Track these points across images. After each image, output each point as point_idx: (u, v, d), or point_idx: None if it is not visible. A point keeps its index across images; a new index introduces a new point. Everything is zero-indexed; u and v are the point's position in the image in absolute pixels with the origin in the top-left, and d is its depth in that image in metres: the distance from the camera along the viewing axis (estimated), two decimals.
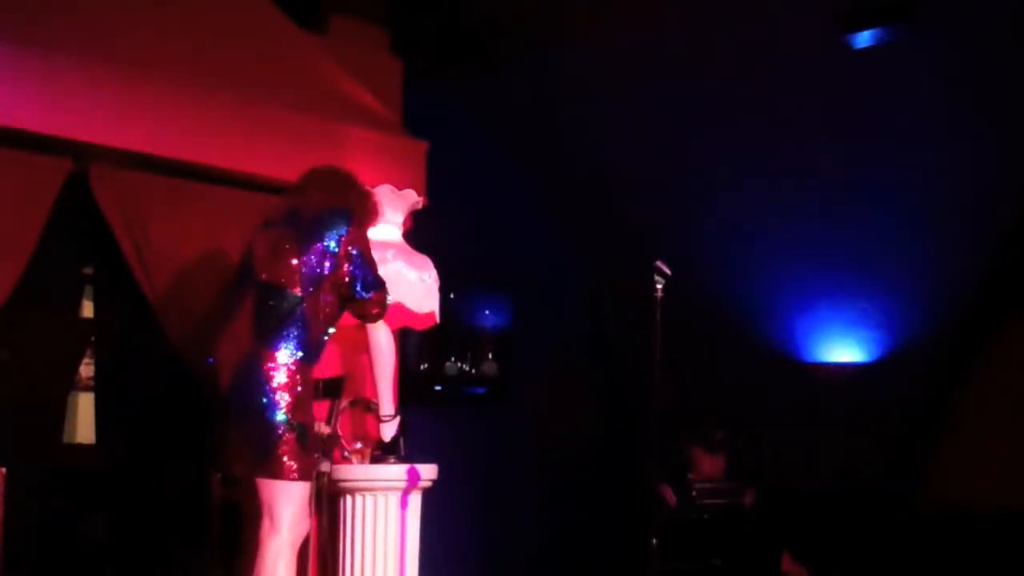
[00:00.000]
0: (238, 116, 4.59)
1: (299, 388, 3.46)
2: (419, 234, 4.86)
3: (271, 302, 3.57)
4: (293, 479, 3.42)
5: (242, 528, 3.88)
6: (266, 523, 3.43)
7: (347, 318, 4.20)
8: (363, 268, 3.66)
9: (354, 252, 3.64)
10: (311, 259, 3.58)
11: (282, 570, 3.40)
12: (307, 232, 3.63)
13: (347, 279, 3.62)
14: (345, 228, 3.64)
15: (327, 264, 3.60)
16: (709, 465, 5.98)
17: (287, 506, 3.43)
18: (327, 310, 3.63)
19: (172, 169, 4.47)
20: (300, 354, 3.50)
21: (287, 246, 3.61)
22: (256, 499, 3.47)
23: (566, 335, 6.99)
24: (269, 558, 3.40)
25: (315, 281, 3.58)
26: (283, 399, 3.43)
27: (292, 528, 3.45)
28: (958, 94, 5.33)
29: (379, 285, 3.70)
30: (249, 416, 3.46)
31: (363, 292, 3.66)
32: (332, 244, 3.61)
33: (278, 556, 3.40)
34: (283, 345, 3.50)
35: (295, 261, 3.58)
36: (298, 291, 3.56)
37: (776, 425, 6.23)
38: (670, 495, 5.76)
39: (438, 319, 4.68)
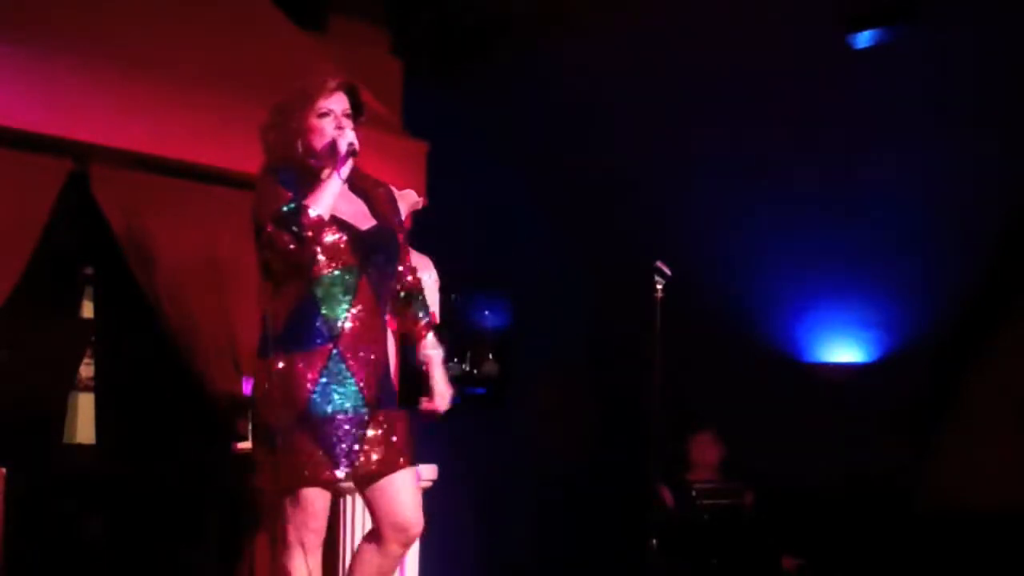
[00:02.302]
0: (238, 116, 4.57)
1: (268, 389, 2.99)
2: (419, 234, 4.86)
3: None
4: (262, 487, 3.09)
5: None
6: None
7: None
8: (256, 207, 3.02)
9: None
10: None
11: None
12: None
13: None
14: None
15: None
16: (705, 459, 5.97)
17: (278, 515, 3.06)
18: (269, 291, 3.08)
19: (172, 169, 4.47)
20: (273, 354, 3.01)
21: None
22: None
23: (566, 335, 6.98)
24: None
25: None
26: (258, 406, 3.08)
27: (290, 534, 3.02)
28: (958, 94, 5.33)
29: (265, 220, 2.95)
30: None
31: (259, 237, 2.99)
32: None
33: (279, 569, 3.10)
34: (261, 354, 3.05)
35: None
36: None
37: (776, 425, 6.22)
38: (668, 496, 5.76)
39: (438, 319, 4.68)
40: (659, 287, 4.39)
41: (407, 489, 3.13)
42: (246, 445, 4.24)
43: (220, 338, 4.53)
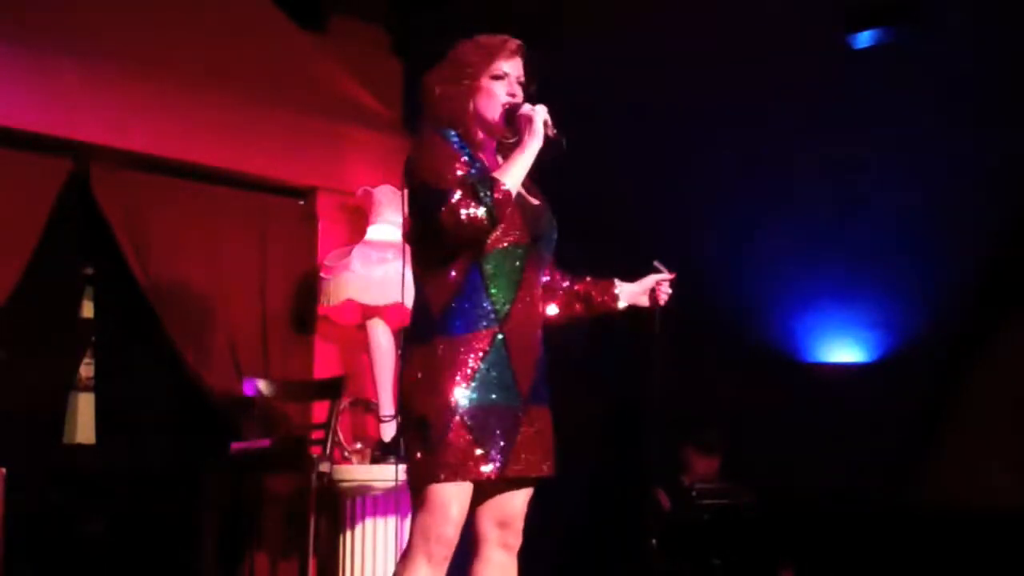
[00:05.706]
0: (238, 116, 4.59)
1: (424, 377, 2.59)
2: None
3: None
4: (412, 486, 2.61)
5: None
6: None
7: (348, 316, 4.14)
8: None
9: None
10: None
11: None
12: None
13: None
14: None
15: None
16: (703, 467, 5.97)
17: (414, 513, 2.63)
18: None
19: (172, 169, 4.48)
20: (433, 338, 2.63)
21: None
22: None
23: (566, 335, 6.96)
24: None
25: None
26: (410, 395, 2.62)
27: (417, 542, 2.62)
28: (958, 94, 5.33)
29: (450, 185, 2.62)
30: None
31: (438, 202, 2.61)
32: None
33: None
34: (416, 339, 2.67)
35: None
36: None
37: (776, 425, 6.22)
38: (665, 499, 5.76)
39: None
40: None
41: (523, 492, 2.87)
42: (245, 445, 4.25)
43: (220, 338, 4.54)
